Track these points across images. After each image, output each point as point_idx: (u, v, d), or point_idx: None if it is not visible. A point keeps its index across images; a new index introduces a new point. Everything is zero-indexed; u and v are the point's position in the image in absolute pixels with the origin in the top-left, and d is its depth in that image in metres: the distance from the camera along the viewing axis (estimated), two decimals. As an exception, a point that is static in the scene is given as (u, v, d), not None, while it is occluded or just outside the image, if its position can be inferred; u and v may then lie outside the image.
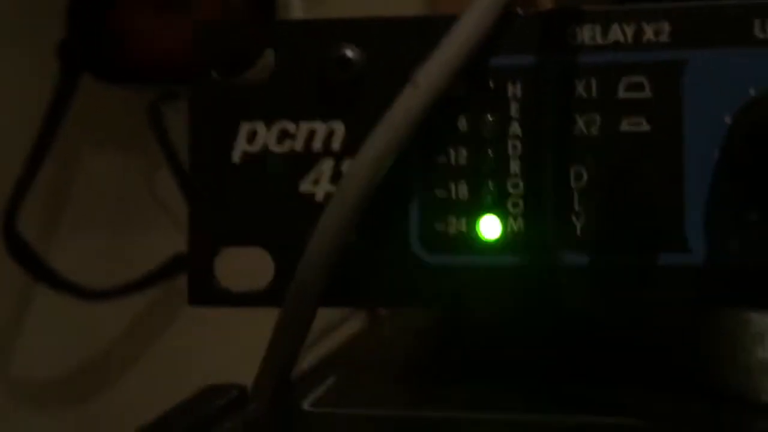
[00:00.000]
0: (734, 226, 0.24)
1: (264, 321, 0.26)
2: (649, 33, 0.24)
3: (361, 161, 0.23)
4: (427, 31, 0.25)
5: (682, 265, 0.24)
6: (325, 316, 0.25)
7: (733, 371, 0.23)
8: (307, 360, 0.30)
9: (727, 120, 0.24)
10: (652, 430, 0.20)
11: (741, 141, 0.23)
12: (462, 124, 0.25)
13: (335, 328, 0.43)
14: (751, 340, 0.22)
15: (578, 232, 0.24)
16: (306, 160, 0.25)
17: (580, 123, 0.25)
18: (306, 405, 0.22)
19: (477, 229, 0.25)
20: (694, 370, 0.25)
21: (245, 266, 0.26)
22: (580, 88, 0.24)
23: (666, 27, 0.24)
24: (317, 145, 0.25)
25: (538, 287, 0.25)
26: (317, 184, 0.25)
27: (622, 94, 0.24)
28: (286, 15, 0.72)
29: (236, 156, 0.26)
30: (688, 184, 0.24)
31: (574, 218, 0.25)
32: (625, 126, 0.24)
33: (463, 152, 0.25)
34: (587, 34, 0.25)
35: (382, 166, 0.23)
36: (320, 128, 0.25)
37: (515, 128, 0.25)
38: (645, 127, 0.24)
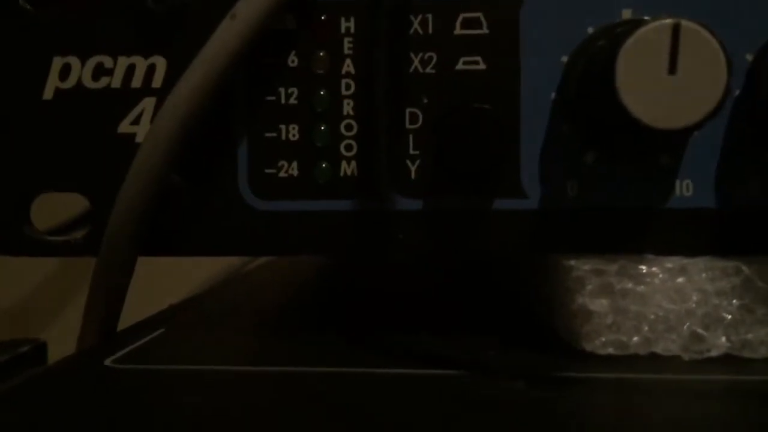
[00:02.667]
0: (571, 171, 0.23)
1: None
2: (486, -33, 0.23)
3: (175, 98, 0.21)
4: (252, -40, 0.23)
5: (518, 210, 0.23)
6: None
7: (558, 318, 0.22)
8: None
9: (564, 59, 0.23)
10: (465, 379, 0.20)
11: (576, 81, 0.22)
12: (292, 60, 0.23)
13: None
14: (572, 286, 0.21)
15: (412, 175, 0.23)
16: (125, 98, 0.24)
17: (416, 61, 0.23)
18: (108, 360, 0.20)
19: (309, 174, 0.24)
20: (530, 318, 0.25)
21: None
22: (416, 25, 0.23)
23: (504, -39, 0.23)
24: (137, 81, 0.23)
25: (372, 233, 0.24)
26: (137, 124, 0.24)
27: (458, 30, 0.23)
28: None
29: (48, 93, 0.24)
30: (525, 126, 0.23)
31: (408, 162, 0.24)
32: (461, 65, 0.23)
33: (294, 91, 0.23)
34: (423, -33, 0.23)
35: (199, 103, 0.21)
36: (140, 63, 0.23)
37: (348, 66, 0.23)
38: (481, 65, 0.23)
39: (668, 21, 0.19)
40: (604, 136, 0.22)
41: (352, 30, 0.23)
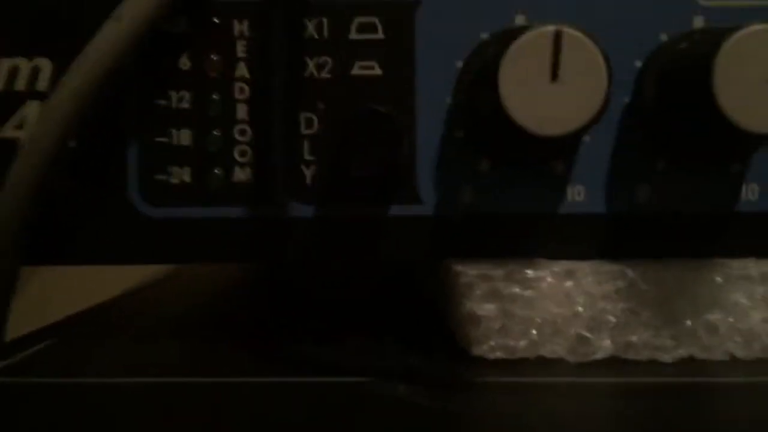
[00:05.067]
0: (465, 177, 0.23)
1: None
2: (385, -29, 0.23)
3: (55, 101, 0.21)
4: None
5: (414, 216, 0.23)
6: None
7: (451, 323, 0.22)
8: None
9: (459, 64, 0.23)
10: (356, 385, 0.19)
11: (466, 87, 0.22)
12: (184, 63, 0.23)
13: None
14: (461, 291, 0.21)
15: (308, 181, 0.23)
16: (8, 102, 0.23)
17: (311, 65, 0.23)
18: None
19: (202, 180, 0.23)
20: (429, 324, 0.25)
21: None
22: (311, 28, 0.23)
23: (399, -35, 0.23)
24: (20, 84, 0.23)
25: (266, 240, 0.23)
26: (21, 128, 0.23)
27: (354, 35, 0.23)
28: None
29: (-75, 96, 0.23)
30: (421, 132, 0.23)
31: (303, 167, 0.23)
32: (357, 69, 0.23)
33: (186, 95, 0.23)
34: (318, -30, 0.23)
35: (80, 107, 0.21)
36: (23, 65, 0.23)
37: (242, 69, 0.23)
38: (377, 70, 0.23)
39: (550, 28, 0.19)
40: (495, 142, 0.22)
41: (246, 33, 0.23)
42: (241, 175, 0.23)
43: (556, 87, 0.19)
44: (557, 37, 0.19)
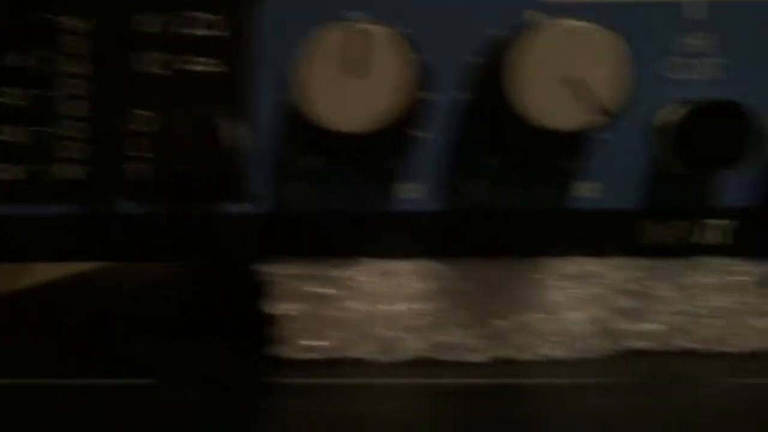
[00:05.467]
0: (295, 174, 0.23)
1: None
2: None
3: None
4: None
5: (243, 214, 0.23)
6: None
7: (258, 323, 0.22)
8: None
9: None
10: (156, 387, 0.19)
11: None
12: (13, 59, 0.23)
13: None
14: (269, 292, 0.21)
15: (133, 178, 0.23)
16: None
17: (143, 61, 0.23)
18: None
19: (33, 177, 0.23)
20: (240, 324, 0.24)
21: None
22: (145, 23, 0.23)
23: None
24: None
25: (99, 237, 0.23)
26: None
27: (189, 30, 0.23)
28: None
29: None
30: (256, 131, 0.23)
31: (134, 164, 0.23)
32: (191, 66, 0.23)
33: (15, 91, 0.23)
34: (148, -35, 0.23)
35: None
36: None
37: (73, 65, 0.23)
38: (213, 68, 0.23)
39: (359, 25, 0.19)
40: (325, 141, 0.22)
41: (77, 28, 0.23)
42: (72, 172, 0.23)
43: (364, 84, 0.19)
44: (366, 34, 0.19)
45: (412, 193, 0.23)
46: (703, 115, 0.21)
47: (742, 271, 0.23)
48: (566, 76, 0.18)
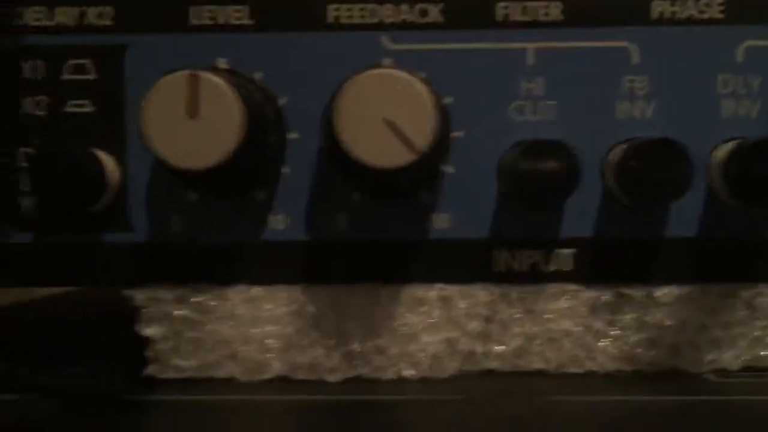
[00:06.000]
0: (174, 206, 0.25)
1: None
2: (92, 16, 0.25)
3: None
4: None
5: (123, 243, 0.25)
6: None
7: (127, 345, 0.24)
8: None
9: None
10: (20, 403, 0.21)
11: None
12: None
13: None
14: (135, 315, 0.23)
15: (25, 210, 0.25)
16: None
17: (28, 103, 0.25)
18: None
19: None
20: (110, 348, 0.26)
21: None
22: (27, 69, 0.25)
23: (109, 11, 0.25)
24: None
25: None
26: None
27: (67, 75, 0.25)
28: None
29: None
30: (131, 165, 0.25)
31: (21, 198, 0.25)
32: (70, 107, 0.25)
33: None
34: (32, 15, 0.25)
35: None
36: None
37: (-38, 107, 0.25)
38: (89, 108, 0.25)
39: (185, 72, 0.21)
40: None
41: (-28, 74, 0.25)
42: (-33, 205, 0.25)
43: (195, 124, 0.21)
44: (194, 79, 0.21)
45: (279, 223, 0.25)
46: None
47: (586, 296, 0.25)
48: (382, 118, 0.20)
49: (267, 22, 0.25)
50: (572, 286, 0.25)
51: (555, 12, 0.24)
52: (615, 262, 0.25)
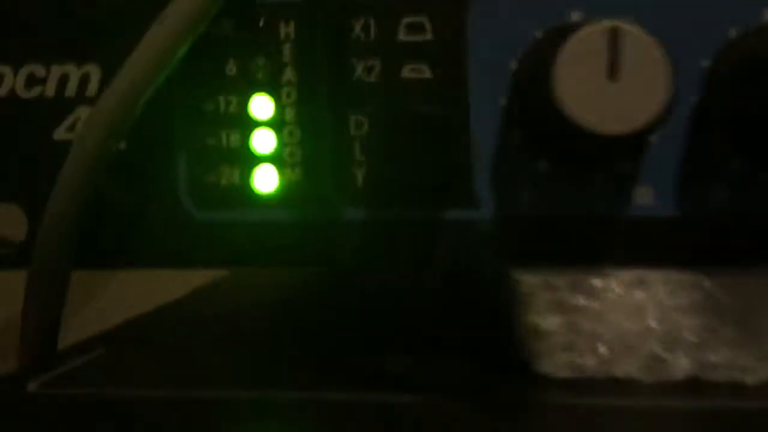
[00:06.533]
0: (524, 180, 0.22)
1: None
2: (429, -32, 0.22)
3: (103, 105, 0.21)
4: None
5: (469, 220, 0.22)
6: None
7: (513, 337, 0.21)
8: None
9: (513, 65, 0.22)
10: (415, 405, 0.19)
11: (526, 86, 0.21)
12: (230, 67, 0.23)
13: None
14: (522, 301, 0.20)
15: (359, 184, 0.23)
16: (59, 107, 0.23)
17: (359, 68, 0.23)
18: (34, 385, 0.19)
19: (251, 182, 0.23)
20: (490, 337, 0.24)
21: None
22: (358, 30, 0.22)
23: (449, -39, 0.22)
24: (71, 90, 0.23)
25: (317, 243, 0.23)
26: (73, 131, 0.23)
27: (402, 36, 0.22)
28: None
29: (-20, 103, 0.23)
30: (475, 134, 0.22)
31: (354, 169, 0.23)
32: (406, 72, 0.22)
33: (233, 99, 0.23)
34: (362, -31, 0.22)
35: (127, 111, 0.21)
36: (73, 72, 0.23)
37: (289, 73, 0.23)
38: (427, 73, 0.22)
39: (606, 24, 0.18)
40: (554, 143, 0.21)
41: (292, 35, 0.23)
42: (291, 176, 0.23)
43: (615, 85, 0.18)
44: (613, 33, 0.18)
45: (649, 198, 0.22)
46: None
47: None
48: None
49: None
50: None
51: None
52: None
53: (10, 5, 0.22)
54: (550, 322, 0.20)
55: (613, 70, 0.18)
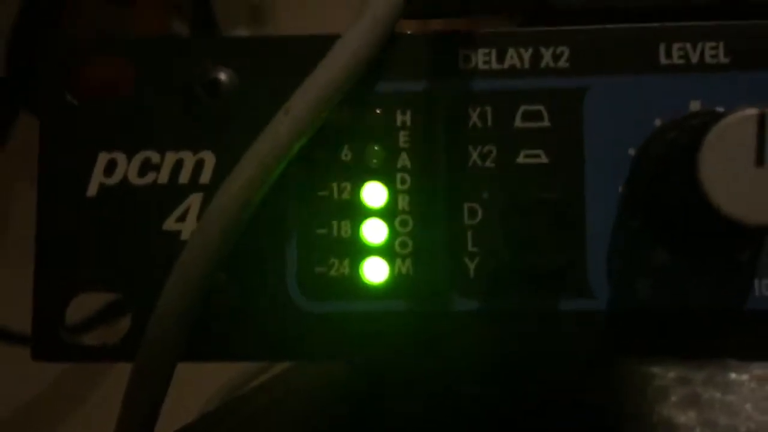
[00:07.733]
0: (641, 269, 0.22)
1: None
2: (547, 57, 0.22)
3: (225, 195, 0.20)
4: (305, 53, 0.22)
5: (585, 311, 0.22)
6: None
7: (639, 430, 0.20)
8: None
9: (631, 152, 0.22)
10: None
11: (645, 176, 0.21)
12: (345, 154, 0.23)
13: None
14: (654, 396, 0.19)
15: (471, 274, 0.22)
16: (171, 195, 0.23)
17: (474, 155, 0.22)
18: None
19: (361, 272, 0.22)
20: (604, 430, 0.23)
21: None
22: (474, 117, 0.22)
23: (565, 51, 0.22)
24: (184, 177, 0.23)
25: (428, 335, 0.22)
26: (183, 221, 0.22)
27: (519, 123, 0.22)
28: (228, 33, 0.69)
29: (92, 189, 0.23)
30: (591, 222, 0.22)
31: (467, 259, 0.22)
32: (522, 158, 0.22)
33: (347, 186, 0.22)
34: (481, 58, 0.22)
35: (249, 200, 0.20)
36: (188, 159, 0.23)
37: (404, 160, 0.22)
38: (543, 159, 0.22)
39: (753, 111, 0.18)
40: (679, 232, 0.21)
41: (408, 123, 0.22)
42: (402, 267, 0.22)
43: (762, 172, 0.18)
44: (761, 120, 0.18)
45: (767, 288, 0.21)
46: None
47: None
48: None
49: (743, 59, 0.22)
50: None
51: None
52: None
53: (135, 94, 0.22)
54: (684, 417, 0.19)
55: (759, 157, 0.18)
